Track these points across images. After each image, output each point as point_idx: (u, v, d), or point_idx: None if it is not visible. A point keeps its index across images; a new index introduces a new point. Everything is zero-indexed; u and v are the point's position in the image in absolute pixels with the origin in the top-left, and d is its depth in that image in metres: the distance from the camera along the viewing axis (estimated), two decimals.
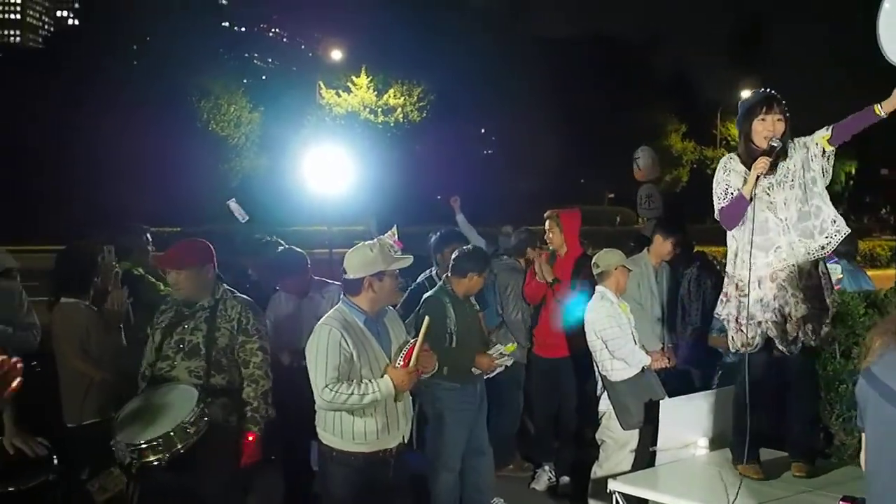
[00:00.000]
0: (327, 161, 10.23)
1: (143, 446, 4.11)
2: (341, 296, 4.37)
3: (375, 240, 4.29)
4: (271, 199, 40.03)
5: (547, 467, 6.85)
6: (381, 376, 4.11)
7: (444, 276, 5.77)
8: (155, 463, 4.12)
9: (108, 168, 37.92)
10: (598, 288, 5.75)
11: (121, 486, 4.12)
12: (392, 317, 4.44)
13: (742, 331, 4.37)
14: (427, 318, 4.33)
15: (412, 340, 4.23)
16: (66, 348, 5.02)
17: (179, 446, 4.14)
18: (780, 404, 4.56)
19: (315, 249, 8.35)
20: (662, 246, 6.77)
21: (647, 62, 54.14)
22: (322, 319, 4.25)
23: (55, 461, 4.21)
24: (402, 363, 4.16)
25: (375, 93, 43.28)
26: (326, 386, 4.01)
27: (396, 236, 4.25)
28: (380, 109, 43.15)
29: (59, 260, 5.37)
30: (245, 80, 49.04)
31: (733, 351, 4.54)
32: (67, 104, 39.11)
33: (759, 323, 4.30)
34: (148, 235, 6.27)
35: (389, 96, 43.35)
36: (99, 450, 4.43)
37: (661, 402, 5.05)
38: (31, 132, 38.38)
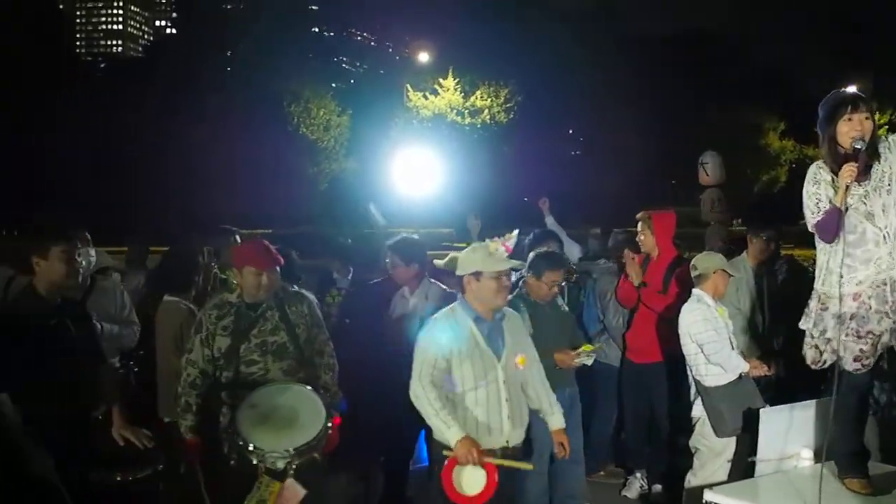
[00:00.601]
0: (415, 163, 10.22)
1: (300, 448, 4.15)
2: (457, 294, 4.49)
3: (486, 242, 4.30)
4: (359, 201, 40.58)
5: (639, 474, 6.70)
6: (486, 375, 4.15)
7: (521, 281, 5.72)
8: (295, 465, 4.15)
9: (202, 172, 39.03)
10: (695, 291, 5.59)
11: (276, 492, 4.08)
12: (512, 321, 4.43)
13: (817, 347, 4.13)
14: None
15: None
16: (166, 344, 5.23)
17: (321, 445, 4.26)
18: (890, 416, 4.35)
19: None
20: (756, 245, 6.58)
21: (741, 58, 52.64)
22: (434, 315, 4.38)
23: (161, 455, 4.32)
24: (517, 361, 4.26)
25: (462, 94, 43.36)
26: (420, 381, 4.12)
27: (512, 241, 4.24)
28: (467, 111, 43.21)
29: (162, 260, 5.59)
30: (334, 84, 49.82)
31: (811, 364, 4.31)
32: (165, 111, 40.38)
33: (829, 340, 4.07)
34: (237, 237, 6.40)
35: (476, 98, 43.37)
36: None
37: (760, 410, 4.87)
38: (132, 138, 39.74)
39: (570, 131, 51.67)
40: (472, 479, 4.08)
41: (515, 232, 4.33)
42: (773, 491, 4.43)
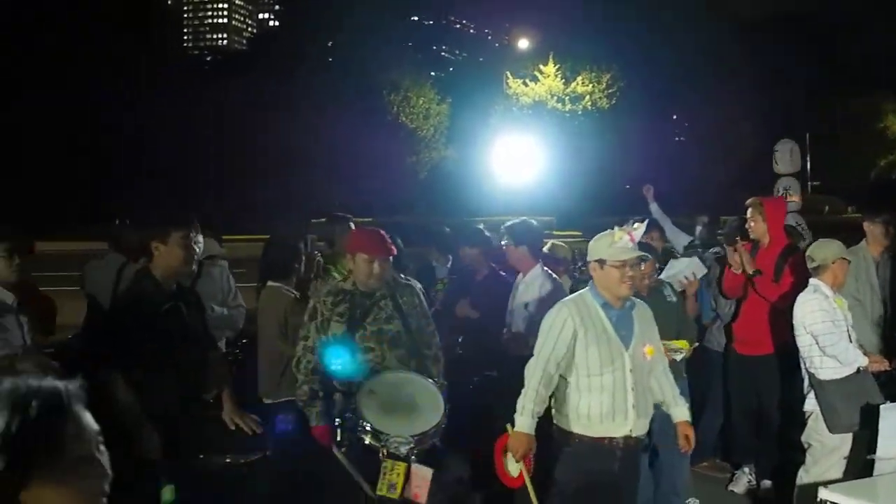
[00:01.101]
0: (514, 151, 10.06)
1: (422, 434, 4.20)
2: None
3: (613, 230, 4.23)
4: (459, 190, 40.79)
5: (747, 469, 6.47)
6: (613, 362, 4.11)
7: None
8: (416, 450, 4.20)
9: (304, 162, 39.83)
10: (812, 281, 5.34)
11: (402, 473, 4.13)
12: (642, 311, 4.37)
13: None
14: None
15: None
16: (269, 329, 5.32)
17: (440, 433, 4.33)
18: None
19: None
20: (874, 231, 6.24)
21: (856, 38, 50.30)
22: (564, 298, 4.43)
23: (267, 440, 4.38)
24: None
25: (563, 81, 42.92)
26: (537, 359, 4.14)
27: (639, 231, 4.17)
28: (567, 98, 42.76)
29: (266, 248, 5.70)
30: (433, 73, 50.10)
31: None
32: (268, 102, 41.30)
33: None
34: (352, 224, 6.47)
35: (577, 84, 42.86)
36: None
37: (880, 407, 4.62)
38: (236, 130, 40.83)
39: (675, 116, 50.51)
40: (512, 465, 4.26)
41: (645, 222, 4.28)
42: (894, 491, 4.21)
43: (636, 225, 4.18)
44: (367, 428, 4.14)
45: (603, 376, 4.09)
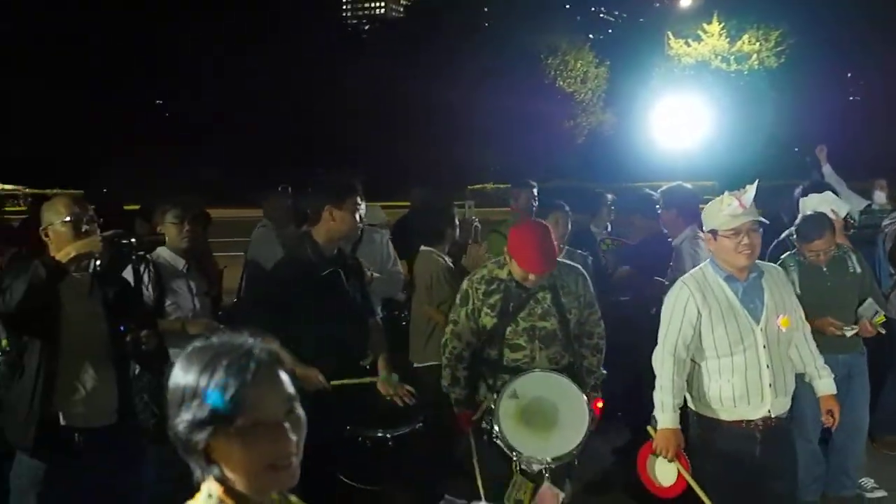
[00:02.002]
0: (676, 114, 9.67)
1: (559, 458, 3.91)
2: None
3: (724, 195, 3.91)
4: (617, 154, 39.99)
5: None
6: (743, 341, 3.75)
7: (790, 238, 5.25)
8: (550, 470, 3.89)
9: (460, 127, 40.04)
10: None
11: (530, 491, 3.91)
12: (773, 278, 3.96)
13: None
14: None
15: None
16: (420, 293, 5.39)
17: (579, 453, 4.03)
18: None
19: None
20: None
21: None
22: (683, 276, 4.02)
23: (420, 412, 4.32)
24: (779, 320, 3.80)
25: (728, 39, 41.14)
26: (663, 348, 3.86)
27: (748, 195, 3.79)
28: (733, 57, 40.99)
29: (411, 213, 5.75)
30: (591, 35, 49.15)
31: None
32: (425, 68, 41.70)
33: None
34: (535, 191, 6.44)
35: (743, 42, 40.96)
36: (434, 394, 4.59)
37: None
38: (395, 98, 41.50)
39: (849, 75, 47.42)
40: (664, 470, 3.87)
41: (755, 183, 3.85)
42: None
43: (746, 188, 3.81)
44: (500, 439, 3.90)
45: (734, 356, 3.76)
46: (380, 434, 4.12)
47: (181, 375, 1.63)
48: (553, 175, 34.73)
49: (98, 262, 3.59)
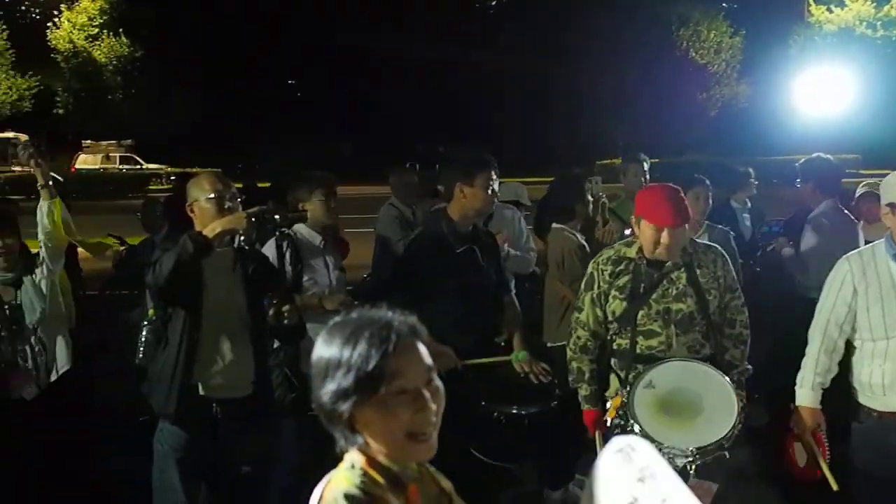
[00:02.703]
0: (816, 84, 9.17)
1: (706, 448, 3.49)
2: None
3: None
4: (753, 127, 38.52)
5: None
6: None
7: None
8: (698, 464, 3.50)
9: (589, 102, 39.43)
10: None
11: None
12: None
13: None
14: None
15: None
16: (551, 271, 5.30)
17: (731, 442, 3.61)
18: None
19: None
20: None
21: None
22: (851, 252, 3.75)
23: (555, 390, 4.25)
24: None
25: (874, 4, 38.86)
26: (815, 325, 3.66)
27: None
28: (879, 23, 38.71)
29: (550, 189, 5.65)
30: (725, 4, 47.23)
31: None
32: (552, 44, 41.22)
33: None
34: (645, 164, 6.23)
35: (891, 7, 38.60)
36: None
37: None
38: (523, 74, 41.18)
39: None
40: (800, 451, 3.69)
41: None
42: None
43: None
44: (637, 430, 3.47)
45: (889, 341, 3.47)
46: (514, 411, 4.08)
47: (325, 348, 1.70)
48: (685, 149, 33.82)
49: (242, 238, 3.70)
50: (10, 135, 37.94)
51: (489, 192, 4.29)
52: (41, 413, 4.25)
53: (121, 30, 41.04)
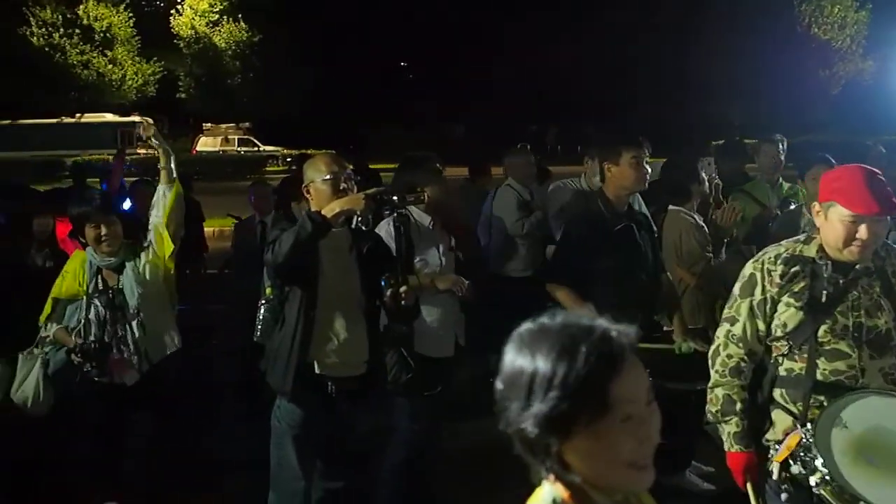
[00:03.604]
0: None
1: None
2: None
3: None
4: (879, 105, 36.68)
5: None
6: None
7: None
8: None
9: (704, 80, 38.33)
10: None
11: None
12: None
13: None
14: None
15: None
16: (667, 252, 5.21)
17: None
18: None
19: None
20: None
21: None
22: None
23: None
24: None
25: None
26: None
27: None
28: None
29: (663, 170, 5.55)
30: None
31: None
32: (665, 21, 40.21)
33: None
34: (782, 145, 6.02)
35: None
36: None
37: None
38: (633, 53, 40.36)
39: None
40: None
41: None
42: None
43: None
44: (827, 478, 2.73)
45: None
46: (682, 387, 4.00)
47: (524, 359, 1.41)
48: (806, 129, 32.49)
49: (359, 219, 3.75)
50: (136, 118, 39.69)
51: (637, 169, 4.29)
52: (147, 395, 4.35)
53: (239, 15, 42.15)
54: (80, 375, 4.30)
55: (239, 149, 38.10)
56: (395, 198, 3.82)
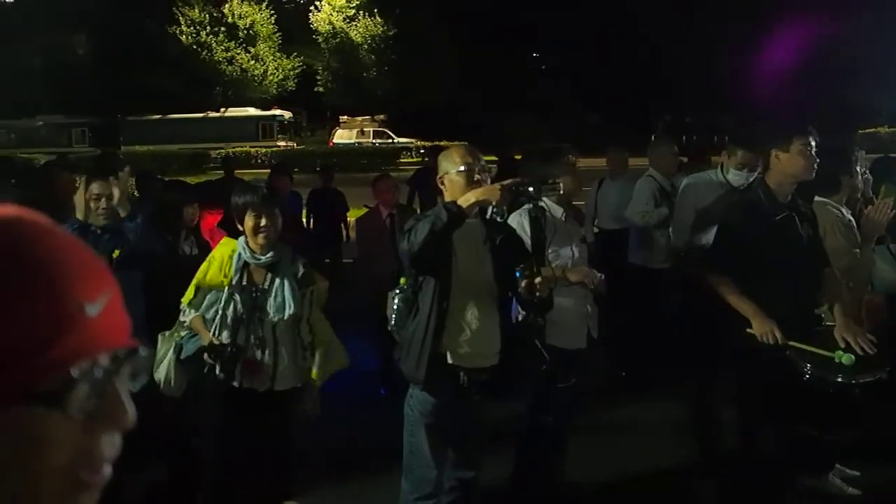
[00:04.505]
0: None
1: None
2: None
3: None
4: None
5: None
6: None
7: None
8: None
9: (849, 66, 36.49)
10: None
11: None
12: None
13: None
14: None
15: None
16: None
17: None
18: None
19: None
20: None
21: None
22: None
23: (886, 361, 3.98)
24: None
25: None
26: None
27: None
28: None
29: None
30: None
31: None
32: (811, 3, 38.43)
33: None
34: None
35: None
36: None
37: None
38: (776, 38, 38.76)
39: None
40: None
41: None
42: None
43: None
44: None
45: None
46: (842, 380, 3.84)
47: None
48: None
49: (494, 210, 3.74)
50: (276, 112, 41.12)
51: (807, 158, 4.16)
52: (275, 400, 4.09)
53: (375, 10, 42.93)
54: (208, 372, 4.08)
55: (374, 141, 38.89)
56: (531, 189, 3.78)
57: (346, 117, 40.68)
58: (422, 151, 34.45)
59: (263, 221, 3.94)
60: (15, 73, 38.02)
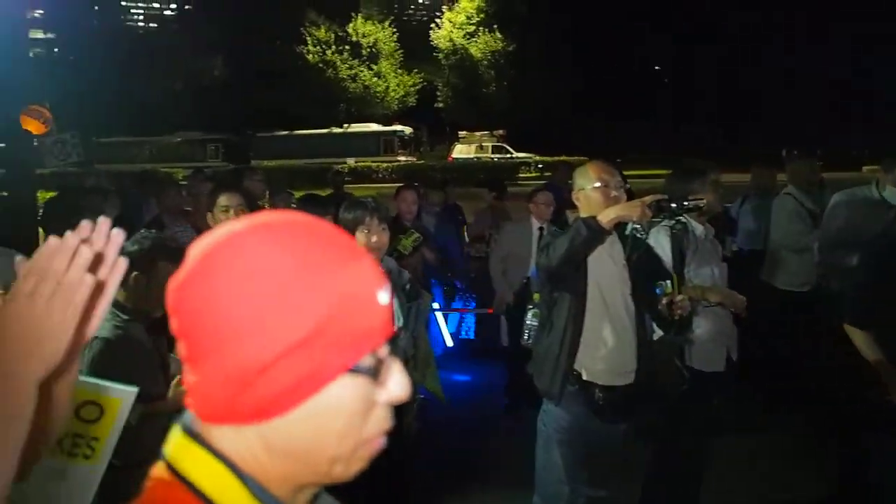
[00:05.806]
0: None
1: None
2: None
3: None
4: None
5: None
6: None
7: None
8: None
9: None
10: None
11: None
12: None
13: None
14: None
15: None
16: None
17: None
18: None
19: None
20: None
21: None
22: None
23: None
24: None
25: None
26: None
27: None
28: None
29: None
30: None
31: None
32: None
33: None
34: None
35: None
36: None
37: None
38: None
39: None
40: None
41: None
42: None
43: None
44: None
45: None
46: None
47: None
48: None
49: (634, 226, 3.69)
50: (398, 127, 41.86)
51: None
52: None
53: (495, 26, 43.19)
54: None
55: (493, 156, 39.01)
56: (673, 205, 3.70)
57: (465, 132, 41.00)
58: (540, 166, 34.35)
59: (374, 238, 3.90)
60: (160, 95, 40.14)
